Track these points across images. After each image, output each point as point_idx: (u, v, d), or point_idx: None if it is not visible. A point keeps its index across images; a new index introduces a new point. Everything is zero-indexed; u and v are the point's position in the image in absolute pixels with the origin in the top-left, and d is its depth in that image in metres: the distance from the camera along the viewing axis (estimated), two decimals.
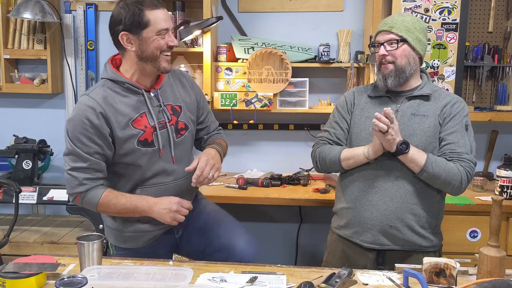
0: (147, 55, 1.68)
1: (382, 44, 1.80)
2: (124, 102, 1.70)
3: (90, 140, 1.65)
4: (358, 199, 1.84)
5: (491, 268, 1.43)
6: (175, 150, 1.78)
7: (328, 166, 1.90)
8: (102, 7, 3.18)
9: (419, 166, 1.72)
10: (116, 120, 1.67)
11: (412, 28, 1.79)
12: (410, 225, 1.79)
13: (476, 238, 2.56)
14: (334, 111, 2.00)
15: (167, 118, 1.75)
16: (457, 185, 1.75)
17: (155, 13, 1.63)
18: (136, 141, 1.69)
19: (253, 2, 3.10)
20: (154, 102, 1.74)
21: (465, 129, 1.82)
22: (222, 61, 2.96)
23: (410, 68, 1.81)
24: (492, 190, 2.68)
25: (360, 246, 1.84)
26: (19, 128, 3.17)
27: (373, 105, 1.88)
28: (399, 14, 1.85)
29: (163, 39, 1.67)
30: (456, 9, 2.67)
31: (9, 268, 1.43)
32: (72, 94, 3.23)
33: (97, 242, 1.52)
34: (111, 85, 1.72)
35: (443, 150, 1.79)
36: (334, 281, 1.43)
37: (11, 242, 2.65)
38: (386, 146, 1.71)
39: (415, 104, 1.84)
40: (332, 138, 1.93)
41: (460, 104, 1.85)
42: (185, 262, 1.64)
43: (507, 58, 2.88)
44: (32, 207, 3.30)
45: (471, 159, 1.77)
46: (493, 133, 3.03)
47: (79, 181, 1.67)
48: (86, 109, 1.66)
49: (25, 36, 3.08)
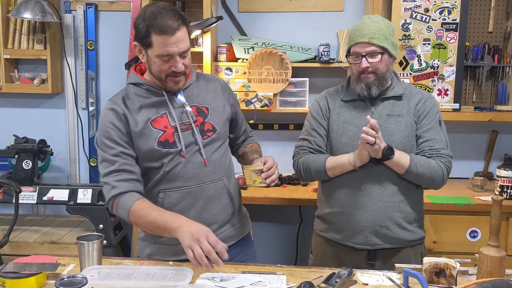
0: (153, 73, 1.66)
1: (363, 56, 1.77)
2: (144, 103, 1.68)
3: (113, 142, 1.63)
4: (347, 203, 1.84)
5: (491, 268, 1.43)
6: (206, 150, 1.71)
7: (313, 176, 1.90)
8: (102, 7, 3.18)
9: (404, 168, 1.76)
10: (135, 120, 1.65)
11: (388, 35, 1.78)
12: (398, 223, 1.82)
13: (476, 238, 2.56)
14: (309, 118, 1.96)
15: (191, 119, 1.71)
16: (439, 181, 1.81)
17: (161, 38, 1.56)
18: (156, 141, 1.65)
19: (253, 2, 3.10)
20: (177, 103, 1.71)
21: (438, 124, 1.86)
22: (222, 61, 2.96)
23: (389, 73, 1.84)
24: (492, 190, 2.68)
25: (352, 247, 1.85)
26: (19, 128, 3.16)
27: (349, 109, 1.88)
28: (371, 21, 1.79)
29: (167, 63, 1.60)
30: (456, 9, 2.67)
31: (9, 268, 1.43)
32: (72, 94, 3.23)
33: (97, 242, 1.52)
34: (133, 88, 1.71)
35: (421, 147, 1.83)
36: (334, 281, 1.44)
37: (11, 242, 2.64)
38: (372, 154, 1.73)
39: (389, 104, 1.85)
40: (313, 147, 1.91)
41: (432, 101, 1.88)
42: (185, 262, 1.64)
43: (507, 58, 2.88)
44: (32, 207, 3.30)
45: (448, 154, 1.83)
46: (493, 133, 3.03)
47: (112, 185, 1.61)
48: (108, 113, 1.66)
49: (25, 36, 3.08)
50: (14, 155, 2.93)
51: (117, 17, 3.16)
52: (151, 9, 1.59)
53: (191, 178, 1.69)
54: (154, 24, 1.55)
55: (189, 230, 1.44)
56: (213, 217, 1.72)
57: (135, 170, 1.65)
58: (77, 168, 3.30)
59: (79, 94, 3.24)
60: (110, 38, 3.21)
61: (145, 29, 1.57)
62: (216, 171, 1.73)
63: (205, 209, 1.70)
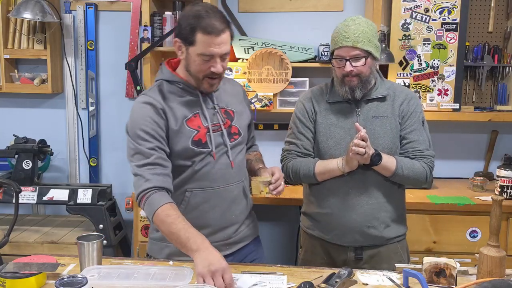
0: (191, 72, 1.66)
1: (347, 60, 1.77)
2: (179, 101, 1.69)
3: (150, 136, 1.63)
4: (335, 206, 1.85)
5: (491, 268, 1.43)
6: (232, 153, 1.74)
7: (302, 180, 1.91)
8: (102, 7, 3.18)
9: (390, 171, 1.80)
10: (174, 117, 1.66)
11: (371, 37, 1.78)
12: (384, 221, 1.85)
13: (476, 238, 2.56)
14: (294, 121, 1.95)
15: (221, 120, 1.73)
16: (423, 181, 1.86)
17: (205, 38, 1.57)
18: (190, 140, 1.66)
19: (253, 2, 3.10)
20: (209, 104, 1.73)
21: (422, 125, 1.88)
22: None
23: (373, 76, 1.84)
24: (492, 190, 2.68)
25: (340, 245, 1.88)
26: (19, 128, 3.16)
27: (334, 111, 1.88)
28: (354, 23, 1.78)
29: (207, 63, 1.61)
30: (456, 9, 2.67)
31: (9, 268, 1.43)
32: (72, 94, 3.23)
33: (97, 242, 1.52)
34: (167, 85, 1.72)
35: (405, 148, 1.86)
36: (334, 281, 1.44)
37: (11, 242, 2.64)
38: (361, 161, 1.76)
39: (373, 106, 1.86)
40: (301, 150, 1.92)
41: (415, 101, 1.89)
42: (185, 262, 1.64)
43: (507, 58, 2.88)
44: (32, 207, 3.29)
45: (431, 154, 1.87)
46: (493, 133, 3.03)
47: (146, 178, 1.58)
48: (145, 107, 1.66)
49: (25, 36, 3.08)
50: (14, 155, 2.93)
51: (117, 17, 3.16)
52: (197, 8, 1.61)
53: (218, 179, 1.71)
54: (201, 23, 1.56)
55: (208, 259, 1.40)
56: (235, 217, 1.76)
57: (168, 165, 1.64)
58: (77, 168, 3.30)
59: (79, 94, 3.24)
60: (110, 38, 3.21)
61: (190, 27, 1.58)
62: (239, 173, 1.78)
63: (228, 210, 1.74)
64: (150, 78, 2.94)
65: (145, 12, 2.89)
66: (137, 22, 3.04)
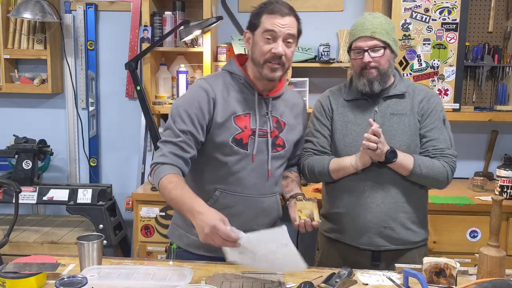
0: (254, 58, 1.66)
1: (365, 51, 1.76)
2: (235, 96, 1.68)
3: (190, 119, 1.63)
4: (350, 205, 1.83)
5: (491, 268, 1.43)
6: (272, 163, 1.72)
7: (318, 178, 1.89)
8: (102, 7, 3.18)
9: (407, 170, 1.75)
10: (222, 109, 1.65)
11: (389, 30, 1.78)
12: (403, 223, 1.81)
13: (476, 238, 2.56)
14: (312, 119, 1.94)
15: (269, 128, 1.71)
16: (444, 181, 1.81)
17: (270, 17, 1.60)
18: (231, 137, 1.65)
19: (253, 2, 3.10)
20: (263, 108, 1.71)
21: (443, 123, 1.84)
22: (222, 61, 2.96)
23: (391, 70, 1.82)
24: (492, 190, 2.68)
25: (357, 247, 1.84)
26: (19, 128, 3.16)
27: (352, 109, 1.87)
28: (372, 16, 1.79)
29: (269, 43, 1.61)
30: (456, 9, 2.67)
31: (9, 268, 1.43)
32: (72, 94, 3.23)
33: (97, 242, 1.52)
34: (229, 77, 1.72)
35: (425, 147, 1.82)
36: (334, 281, 1.44)
37: (11, 242, 2.64)
38: (375, 157, 1.73)
39: (392, 103, 1.83)
40: (317, 148, 1.90)
41: (436, 99, 1.86)
42: (185, 262, 1.63)
43: (507, 58, 2.88)
44: (32, 207, 3.30)
45: (452, 153, 1.82)
46: (493, 133, 3.03)
47: (163, 153, 1.62)
48: (199, 91, 1.67)
49: (25, 36, 3.08)
50: (14, 155, 2.93)
51: (117, 17, 3.16)
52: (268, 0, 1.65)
53: (252, 187, 1.70)
54: (269, 7, 1.61)
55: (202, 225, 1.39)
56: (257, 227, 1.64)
57: (191, 151, 1.64)
58: (77, 168, 3.30)
59: (79, 94, 3.24)
60: (110, 38, 3.21)
61: (257, 12, 1.63)
62: (275, 186, 1.76)
63: (254, 219, 1.72)
64: (150, 78, 2.94)
65: (145, 12, 2.89)
66: (137, 22, 3.04)
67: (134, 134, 3.18)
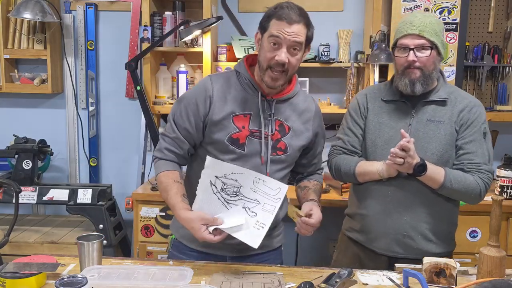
0: (259, 61, 1.65)
1: (411, 49, 1.68)
2: (236, 96, 1.67)
3: (187, 115, 1.67)
4: (372, 208, 1.79)
5: (491, 268, 1.43)
6: (271, 166, 1.68)
7: (343, 177, 1.86)
8: (102, 7, 3.18)
9: (437, 184, 1.69)
10: (219, 108, 1.65)
11: (438, 31, 1.70)
12: (424, 234, 1.76)
13: (476, 238, 2.56)
14: (346, 116, 1.90)
15: (270, 130, 1.67)
16: (476, 197, 1.73)
17: (278, 23, 1.57)
18: (228, 136, 1.64)
19: (253, 2, 3.10)
20: (266, 111, 1.68)
21: (483, 136, 1.74)
22: (222, 61, 2.96)
23: (436, 73, 1.74)
24: (492, 190, 2.67)
25: (373, 251, 1.81)
26: (19, 128, 3.16)
27: (388, 110, 1.81)
28: (422, 15, 1.72)
29: (273, 50, 1.58)
30: (456, 9, 2.67)
31: (9, 268, 1.43)
32: (72, 94, 3.23)
33: (97, 242, 1.52)
34: (235, 77, 1.72)
35: (461, 159, 1.73)
36: (334, 281, 1.43)
37: (11, 242, 2.64)
38: (402, 170, 1.68)
39: (430, 109, 1.76)
40: (347, 147, 1.85)
41: (478, 109, 1.76)
42: (185, 262, 1.63)
43: (507, 58, 2.88)
44: (32, 207, 3.30)
45: (489, 170, 1.73)
46: (493, 133, 3.02)
47: (160, 147, 1.72)
48: (200, 87, 1.69)
49: (25, 36, 3.08)
50: (14, 155, 2.93)
51: (117, 17, 3.16)
52: (280, 4, 1.63)
53: None
54: (278, 12, 1.60)
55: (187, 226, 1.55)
56: None
57: (185, 147, 1.71)
58: (77, 168, 3.31)
59: (79, 94, 3.24)
60: (110, 38, 3.21)
61: (268, 15, 1.62)
62: None
63: None
64: (150, 78, 2.94)
65: (145, 12, 2.89)
66: (137, 22, 3.04)
67: (134, 134, 3.18)
